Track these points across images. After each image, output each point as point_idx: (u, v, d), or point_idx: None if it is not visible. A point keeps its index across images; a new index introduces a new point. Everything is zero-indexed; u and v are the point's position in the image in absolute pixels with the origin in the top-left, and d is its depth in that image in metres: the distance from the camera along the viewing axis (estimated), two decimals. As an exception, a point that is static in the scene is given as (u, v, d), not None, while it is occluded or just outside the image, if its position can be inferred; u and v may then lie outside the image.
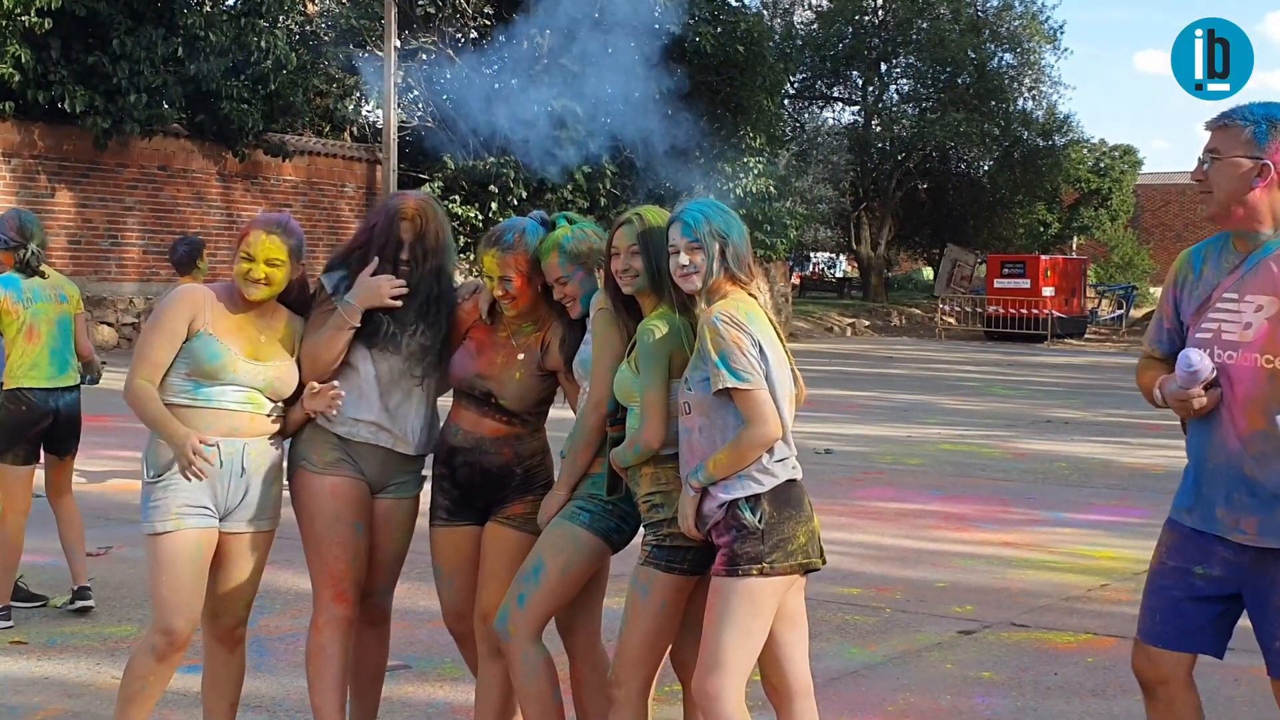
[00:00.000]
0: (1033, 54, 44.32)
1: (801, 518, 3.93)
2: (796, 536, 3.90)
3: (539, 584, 4.21)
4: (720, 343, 3.86)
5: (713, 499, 3.91)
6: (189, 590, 4.28)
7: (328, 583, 4.48)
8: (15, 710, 5.34)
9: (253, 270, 4.37)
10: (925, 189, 46.98)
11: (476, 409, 4.52)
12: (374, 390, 4.48)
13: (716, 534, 3.93)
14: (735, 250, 4.04)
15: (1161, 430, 15.60)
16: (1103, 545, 9.07)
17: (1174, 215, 58.84)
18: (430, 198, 4.69)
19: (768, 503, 3.88)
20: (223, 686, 4.54)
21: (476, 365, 4.51)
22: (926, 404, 18.28)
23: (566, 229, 4.44)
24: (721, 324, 3.88)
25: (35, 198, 21.17)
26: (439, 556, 4.64)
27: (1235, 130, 3.69)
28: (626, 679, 4.12)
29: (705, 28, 26.25)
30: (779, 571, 3.87)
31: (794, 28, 44.10)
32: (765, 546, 3.85)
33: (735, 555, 3.86)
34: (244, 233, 4.44)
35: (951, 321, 38.61)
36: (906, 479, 11.59)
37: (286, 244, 4.39)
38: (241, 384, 4.34)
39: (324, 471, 4.46)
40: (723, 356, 3.85)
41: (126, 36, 20.64)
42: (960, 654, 6.50)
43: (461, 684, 5.76)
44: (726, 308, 3.93)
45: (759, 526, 3.86)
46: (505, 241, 4.44)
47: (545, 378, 4.53)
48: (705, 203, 4.17)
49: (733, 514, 3.88)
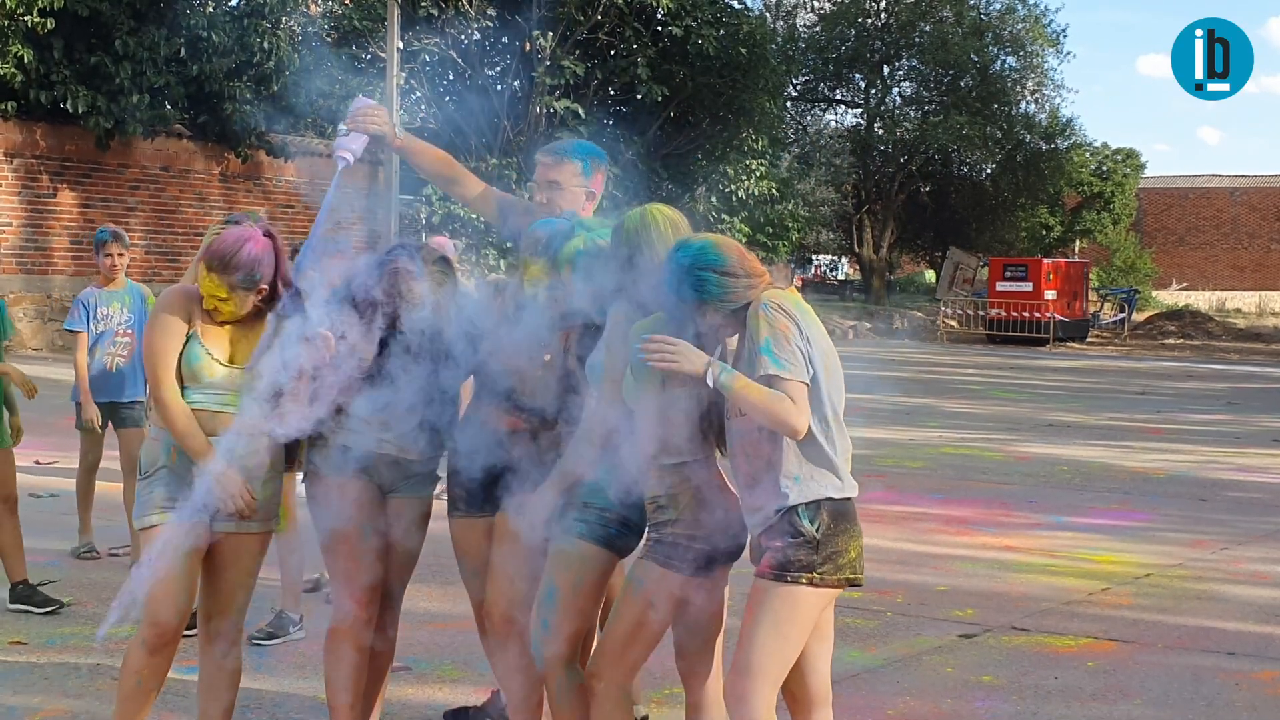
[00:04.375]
0: (1035, 57, 44.28)
1: (854, 533, 3.88)
2: (848, 551, 3.85)
3: (556, 606, 4.20)
4: (768, 329, 3.77)
5: (770, 500, 3.83)
6: (174, 582, 4.29)
7: (342, 584, 4.54)
8: (15, 710, 5.33)
9: (204, 301, 4.39)
10: (927, 192, 46.94)
11: (497, 404, 4.52)
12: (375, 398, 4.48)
13: (766, 537, 3.87)
14: None
15: (1163, 434, 15.60)
16: (1104, 549, 9.06)
17: (1176, 219, 58.78)
18: (439, 265, 4.49)
19: (827, 513, 3.82)
20: (217, 689, 4.53)
21: (500, 360, 4.50)
22: (928, 407, 18.26)
23: (581, 240, 4.36)
24: (771, 310, 3.80)
25: (37, 198, 21.19)
26: (458, 549, 4.66)
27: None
28: (606, 671, 4.09)
29: (708, 30, 26.22)
30: (828, 584, 3.82)
31: (796, 30, 44.07)
32: (818, 557, 3.80)
33: (787, 561, 3.80)
34: (202, 255, 4.38)
35: (953, 324, 38.56)
36: (907, 482, 11.58)
37: (225, 282, 4.33)
38: (218, 388, 4.36)
39: (334, 476, 4.49)
40: (767, 343, 3.76)
41: (129, 37, 20.64)
42: (961, 658, 6.49)
43: (462, 686, 5.75)
44: (776, 296, 3.85)
45: (815, 536, 3.80)
46: (554, 252, 4.39)
47: (567, 376, 4.48)
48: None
49: (789, 520, 3.81)
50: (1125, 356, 31.95)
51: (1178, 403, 20.21)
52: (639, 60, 25.78)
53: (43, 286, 21.28)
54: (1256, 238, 57.46)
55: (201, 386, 4.36)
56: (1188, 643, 6.82)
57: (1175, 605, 7.60)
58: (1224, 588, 8.04)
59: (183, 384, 4.36)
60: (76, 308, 7.86)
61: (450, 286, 4.50)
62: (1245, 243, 57.63)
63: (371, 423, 4.47)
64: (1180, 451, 14.23)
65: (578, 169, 4.86)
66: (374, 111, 4.83)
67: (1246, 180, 58.36)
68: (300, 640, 6.26)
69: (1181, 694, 5.98)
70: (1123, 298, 42.02)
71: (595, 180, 4.90)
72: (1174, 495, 11.47)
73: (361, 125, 4.80)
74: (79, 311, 7.82)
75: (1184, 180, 59.54)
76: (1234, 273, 56.98)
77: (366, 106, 4.84)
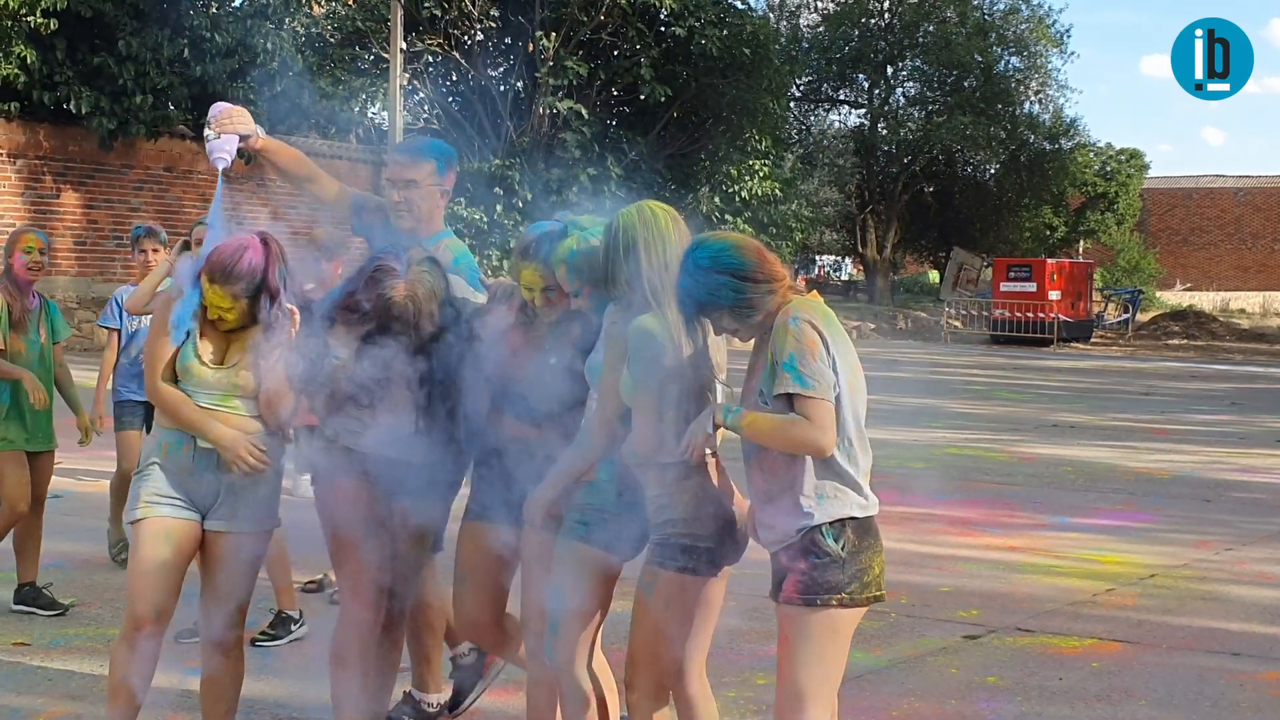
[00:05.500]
0: (1039, 57, 44.27)
1: (878, 548, 3.79)
2: (873, 567, 3.76)
3: (562, 609, 4.19)
4: (794, 344, 3.65)
5: (790, 519, 3.73)
6: (153, 575, 4.32)
7: (346, 585, 4.57)
8: (18, 712, 5.33)
9: (209, 311, 4.38)
10: (931, 192, 46.95)
11: (509, 411, 4.51)
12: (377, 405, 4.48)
13: (787, 557, 3.76)
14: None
15: (1168, 435, 15.58)
16: (1109, 550, 9.04)
17: (1180, 219, 58.77)
18: (418, 264, 4.48)
19: (852, 531, 3.72)
20: (219, 690, 4.54)
21: (509, 368, 4.49)
22: (932, 407, 18.24)
23: (574, 240, 4.29)
24: (801, 324, 3.68)
25: (40, 198, 21.21)
26: (461, 550, 4.67)
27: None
28: (638, 681, 4.09)
29: (711, 30, 26.23)
30: (858, 603, 3.73)
31: (800, 30, 44.09)
32: (845, 576, 3.70)
33: (814, 584, 3.70)
34: (203, 266, 4.37)
35: (957, 325, 38.56)
36: (911, 482, 11.56)
37: (229, 292, 4.32)
38: (208, 388, 4.37)
39: (335, 477, 4.50)
40: (792, 359, 3.65)
41: (132, 38, 20.66)
42: (965, 659, 6.47)
43: (464, 687, 5.74)
44: (805, 309, 3.73)
45: (841, 555, 3.70)
46: (544, 254, 4.36)
47: (576, 381, 4.42)
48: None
49: (812, 539, 3.71)
50: (1129, 357, 31.93)
51: (1182, 403, 20.19)
52: (642, 61, 25.79)
53: (46, 287, 21.16)
54: (1260, 238, 57.44)
55: (192, 386, 4.39)
56: (1192, 643, 6.81)
57: (1180, 606, 7.58)
58: (1229, 588, 8.03)
59: (175, 380, 4.40)
60: (111, 305, 7.82)
61: (438, 284, 4.45)
62: (1249, 243, 57.61)
63: (375, 424, 4.47)
64: (1184, 452, 14.21)
65: (433, 168, 4.94)
66: (236, 113, 4.89)
67: (1251, 181, 58.34)
68: (303, 639, 6.26)
69: (1186, 695, 5.96)
70: (1127, 298, 42.02)
71: (449, 179, 5.04)
72: (1178, 496, 11.46)
73: (229, 128, 4.84)
74: (113, 308, 7.78)
75: (1188, 181, 59.52)
76: (1238, 273, 56.96)
77: (226, 109, 4.91)
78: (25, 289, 6.84)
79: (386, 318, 4.36)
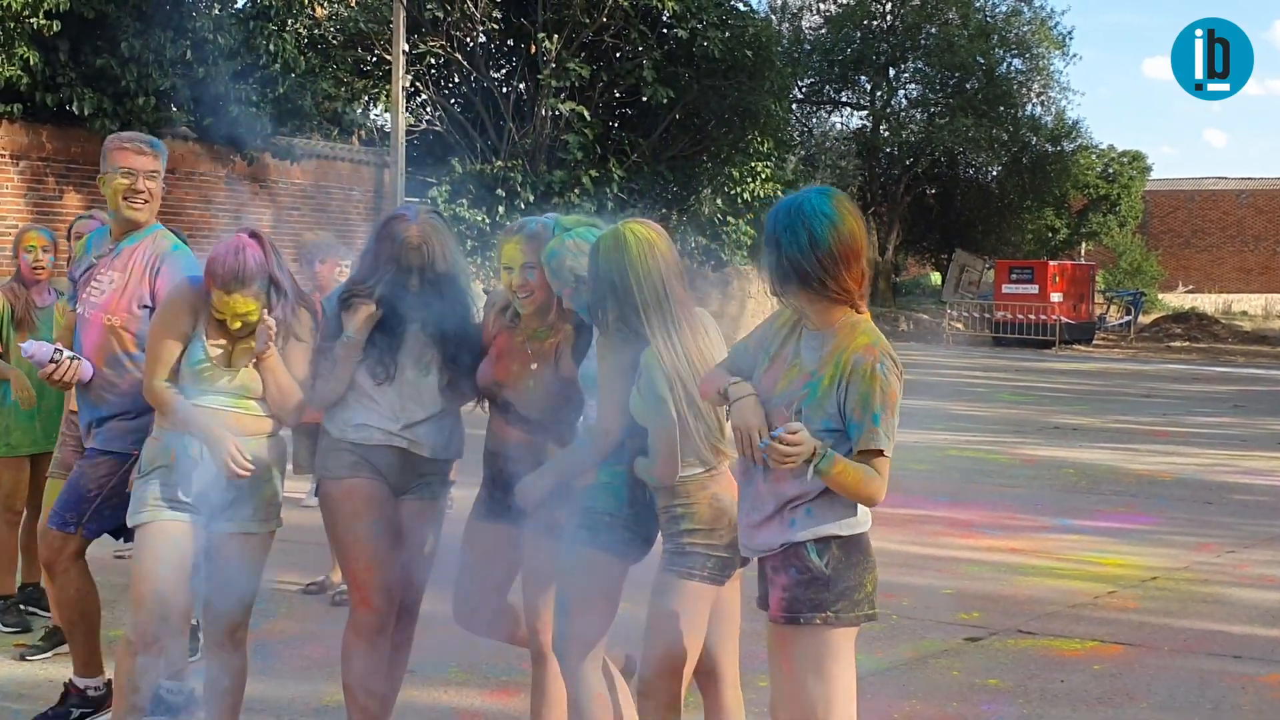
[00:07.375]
0: (1042, 59, 44.25)
1: (868, 565, 3.63)
2: (864, 585, 3.60)
3: (569, 615, 4.19)
4: (881, 397, 3.45)
5: (773, 533, 3.60)
6: (156, 579, 4.32)
7: (354, 585, 4.58)
8: (19, 713, 5.34)
9: (229, 322, 4.38)
10: (933, 194, 46.93)
11: (501, 416, 4.52)
12: (384, 396, 4.48)
13: (771, 569, 3.64)
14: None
15: (1169, 437, 15.57)
16: (1110, 552, 9.05)
17: (1182, 221, 58.73)
18: (432, 215, 4.64)
19: (838, 548, 3.56)
20: (223, 690, 4.54)
21: (495, 372, 4.50)
22: (933, 409, 18.23)
23: (557, 241, 4.26)
24: (888, 373, 3.47)
25: (43, 200, 21.21)
26: (465, 544, 4.68)
27: None
28: (654, 690, 4.07)
29: (713, 32, 26.21)
30: (845, 622, 3.57)
31: (802, 32, 44.08)
32: (830, 594, 3.54)
33: (795, 601, 3.57)
34: (208, 282, 4.35)
35: (959, 327, 38.54)
36: (913, 484, 11.55)
37: (250, 294, 4.33)
38: (221, 390, 4.36)
39: (342, 477, 4.51)
40: (880, 414, 3.45)
41: (135, 39, 20.66)
42: (966, 661, 6.47)
43: (466, 689, 5.75)
44: (887, 350, 3.50)
45: (825, 572, 3.54)
46: (529, 229, 4.42)
47: (565, 385, 4.41)
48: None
49: (796, 554, 3.57)
50: (1131, 359, 31.91)
51: (1184, 405, 20.17)
52: (644, 63, 25.77)
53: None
54: (1263, 240, 57.39)
55: (203, 389, 4.38)
56: (1194, 646, 6.81)
57: (1181, 608, 7.58)
58: (1230, 591, 8.02)
59: (185, 385, 4.38)
60: None
61: (447, 236, 4.58)
62: (1251, 245, 57.56)
63: (382, 415, 4.48)
64: (1186, 454, 14.20)
65: (161, 158, 5.06)
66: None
67: (1253, 183, 58.29)
68: (305, 642, 6.26)
69: (1187, 697, 5.96)
70: (1129, 300, 42.00)
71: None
72: (1180, 498, 11.45)
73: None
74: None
75: (1190, 183, 59.47)
76: (1240, 275, 56.91)
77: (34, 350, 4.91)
78: (35, 287, 6.81)
79: (404, 256, 4.43)
